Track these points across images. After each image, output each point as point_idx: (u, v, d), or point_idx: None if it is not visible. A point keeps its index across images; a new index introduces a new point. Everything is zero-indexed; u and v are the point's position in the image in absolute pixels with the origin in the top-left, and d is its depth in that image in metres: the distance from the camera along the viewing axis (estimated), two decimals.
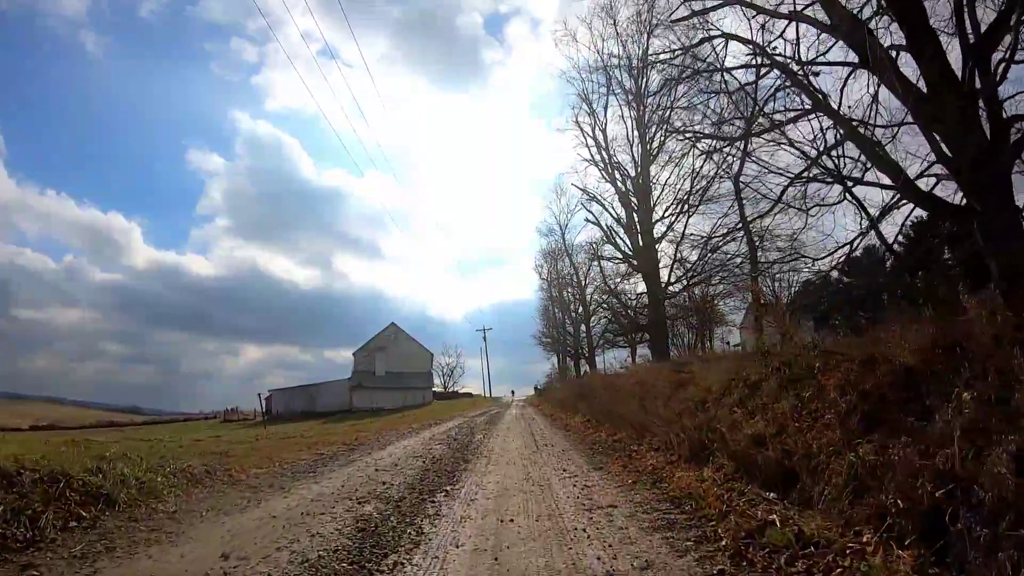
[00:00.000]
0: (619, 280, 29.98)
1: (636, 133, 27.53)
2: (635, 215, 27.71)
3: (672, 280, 25.86)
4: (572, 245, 48.54)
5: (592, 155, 28.99)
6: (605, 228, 28.30)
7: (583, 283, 45.73)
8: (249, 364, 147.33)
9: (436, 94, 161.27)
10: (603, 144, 28.62)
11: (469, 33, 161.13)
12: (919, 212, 12.04)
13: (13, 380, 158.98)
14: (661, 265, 26.95)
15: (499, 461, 11.15)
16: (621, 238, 27.94)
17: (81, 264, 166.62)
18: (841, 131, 11.08)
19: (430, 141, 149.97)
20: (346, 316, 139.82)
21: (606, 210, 28.47)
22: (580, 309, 47.68)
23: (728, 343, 48.46)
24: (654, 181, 27.35)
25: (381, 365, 71.13)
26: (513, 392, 71.51)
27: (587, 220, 29.61)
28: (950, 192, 9.60)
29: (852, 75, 9.98)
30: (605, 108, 28.41)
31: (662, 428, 12.84)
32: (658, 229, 27.21)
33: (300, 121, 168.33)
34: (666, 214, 26.61)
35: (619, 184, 28.18)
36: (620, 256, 28.03)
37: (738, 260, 24.84)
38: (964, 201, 8.54)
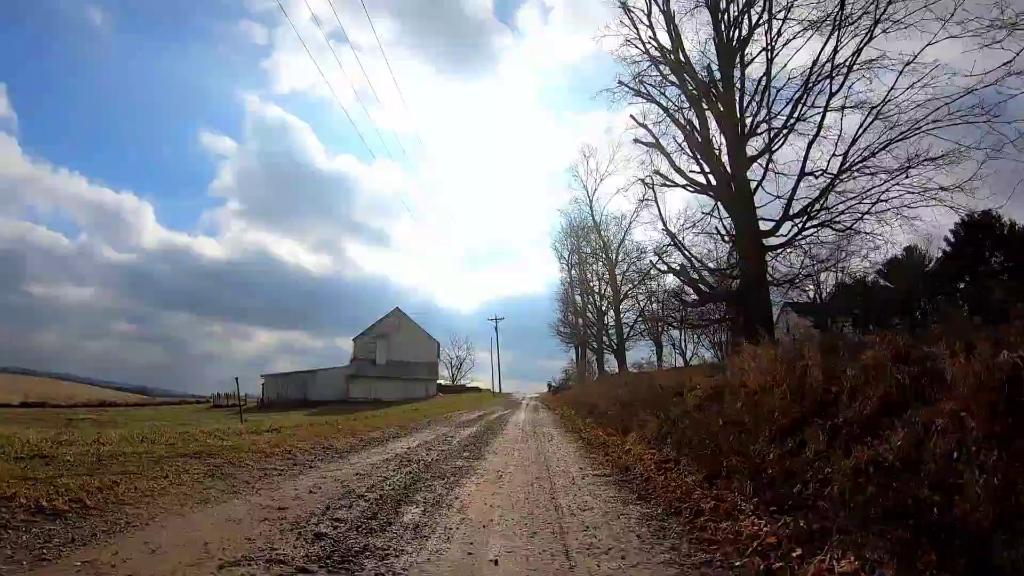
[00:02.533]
0: (686, 227, 18.83)
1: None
2: (712, 125, 16.80)
3: (793, 213, 14.80)
4: (602, 215, 37.85)
5: (644, 43, 18.04)
6: (679, 140, 17.15)
7: (614, 259, 34.91)
8: (259, 348, 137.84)
9: (443, 81, 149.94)
10: (665, 26, 17.68)
11: (478, 19, 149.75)
12: None
13: (25, 355, 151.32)
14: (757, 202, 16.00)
15: None
16: (694, 157, 16.86)
17: (95, 243, 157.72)
18: None
19: (438, 129, 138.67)
20: (356, 303, 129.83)
21: (669, 116, 17.46)
22: (608, 290, 36.84)
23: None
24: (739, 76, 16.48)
25: (382, 353, 60.74)
26: (524, 395, 60.30)
27: (637, 141, 18.65)
28: None
29: None
30: None
31: None
32: (752, 147, 16.30)
33: (310, 105, 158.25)
34: (769, 117, 15.58)
35: (688, 84, 17.27)
36: (691, 184, 16.93)
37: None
38: None
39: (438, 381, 67.11)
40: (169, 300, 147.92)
